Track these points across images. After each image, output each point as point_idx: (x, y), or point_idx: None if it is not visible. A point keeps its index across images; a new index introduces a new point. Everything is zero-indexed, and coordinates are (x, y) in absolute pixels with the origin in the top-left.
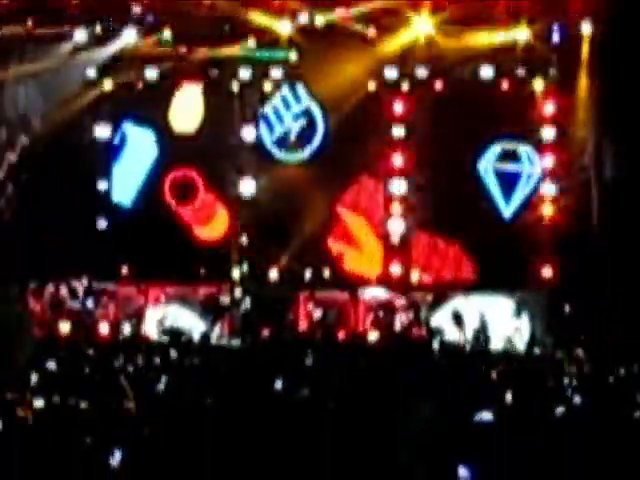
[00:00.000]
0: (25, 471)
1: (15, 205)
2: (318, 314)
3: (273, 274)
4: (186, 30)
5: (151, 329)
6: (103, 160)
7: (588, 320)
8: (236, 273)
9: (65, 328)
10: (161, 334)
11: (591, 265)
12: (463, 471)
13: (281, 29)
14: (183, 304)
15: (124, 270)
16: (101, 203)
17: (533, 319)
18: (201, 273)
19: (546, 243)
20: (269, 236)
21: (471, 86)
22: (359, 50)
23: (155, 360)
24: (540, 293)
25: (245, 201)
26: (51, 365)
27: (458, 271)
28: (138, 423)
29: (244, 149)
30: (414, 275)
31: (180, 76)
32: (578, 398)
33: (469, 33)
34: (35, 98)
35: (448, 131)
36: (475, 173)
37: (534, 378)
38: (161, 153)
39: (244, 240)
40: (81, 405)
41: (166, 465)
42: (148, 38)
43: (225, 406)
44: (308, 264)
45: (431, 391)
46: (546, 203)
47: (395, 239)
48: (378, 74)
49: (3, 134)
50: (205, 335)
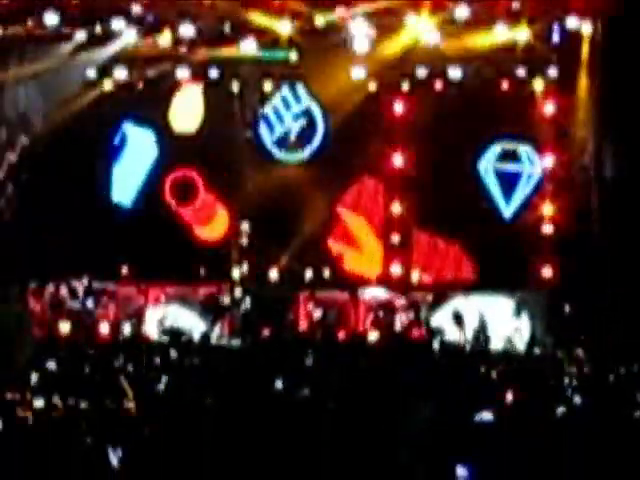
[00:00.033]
0: (25, 471)
1: (15, 205)
2: (318, 314)
3: (273, 274)
4: (186, 30)
5: (151, 329)
6: (103, 160)
7: (588, 320)
8: (236, 273)
9: (65, 328)
10: (161, 334)
11: (591, 265)
12: (462, 471)
13: (281, 29)
14: (183, 304)
15: (124, 270)
16: (101, 203)
17: (533, 319)
18: (201, 273)
19: (546, 243)
20: (269, 236)
21: (471, 86)
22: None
23: (155, 360)
24: (540, 293)
25: (245, 201)
26: (51, 365)
27: (458, 271)
28: (138, 423)
29: (244, 149)
30: (414, 275)
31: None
32: (578, 398)
33: (469, 33)
34: (35, 98)
35: (448, 131)
36: (475, 173)
37: (534, 378)
38: (161, 153)
39: (244, 240)
40: (81, 405)
41: (166, 465)
42: (148, 38)
43: (225, 406)
44: (308, 264)
45: (431, 391)
46: (546, 203)
47: (395, 239)
48: (378, 74)
49: (3, 134)
50: (205, 335)
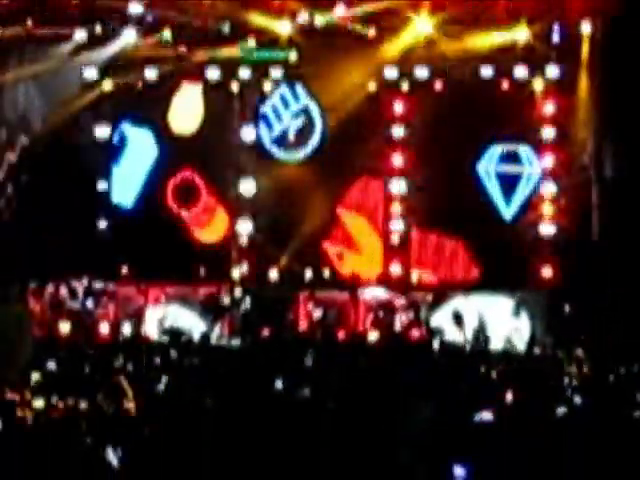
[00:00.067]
0: (25, 471)
1: (15, 205)
2: (318, 314)
3: (273, 274)
4: (186, 30)
5: (151, 329)
6: (103, 160)
7: (588, 320)
8: (236, 273)
9: (65, 328)
10: (161, 334)
11: (591, 265)
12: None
13: (281, 29)
14: (183, 304)
15: (124, 270)
16: (101, 203)
17: (533, 319)
18: (201, 273)
19: (546, 243)
20: (269, 236)
21: (471, 86)
22: (359, 50)
23: (155, 360)
24: (540, 293)
25: (245, 201)
26: (51, 365)
27: (458, 271)
28: (138, 423)
29: (244, 149)
30: (414, 275)
31: (180, 76)
32: (578, 398)
33: (469, 33)
34: (35, 98)
35: (448, 131)
36: (475, 173)
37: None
38: (161, 154)
39: (244, 240)
40: (81, 405)
41: (166, 465)
42: (148, 38)
43: (225, 406)
44: (308, 264)
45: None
46: (546, 203)
47: (395, 239)
48: (378, 74)
49: (3, 134)
50: (205, 335)
